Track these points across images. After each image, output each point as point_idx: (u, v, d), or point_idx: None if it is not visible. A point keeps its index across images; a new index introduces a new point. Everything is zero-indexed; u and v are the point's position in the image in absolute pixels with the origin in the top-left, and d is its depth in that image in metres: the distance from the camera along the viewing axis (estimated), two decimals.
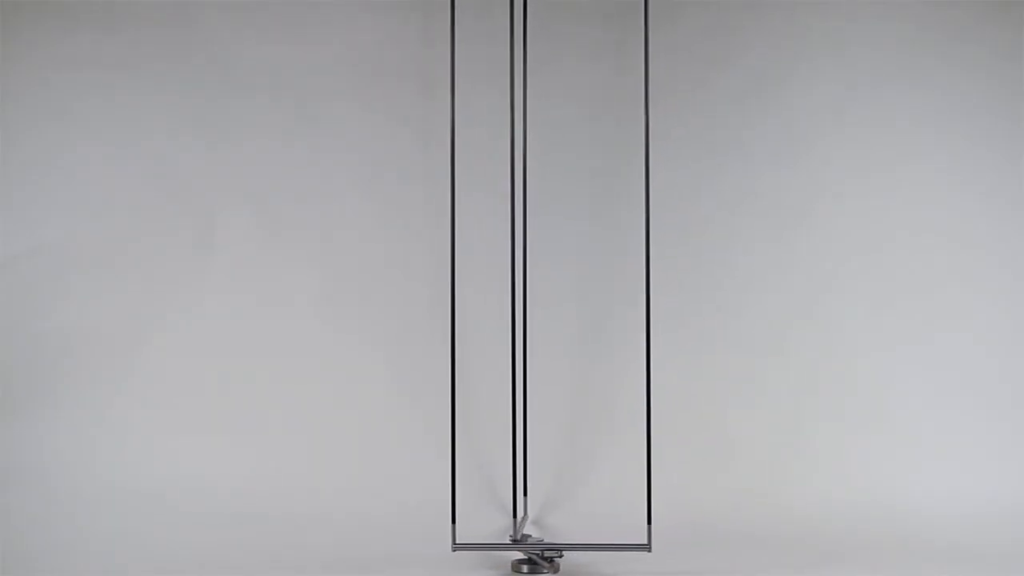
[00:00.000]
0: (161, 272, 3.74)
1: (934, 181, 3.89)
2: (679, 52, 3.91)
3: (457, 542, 3.11)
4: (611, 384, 3.83)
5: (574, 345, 3.86)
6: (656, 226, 3.89)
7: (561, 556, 3.22)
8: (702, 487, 3.78)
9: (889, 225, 3.89)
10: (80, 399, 3.65)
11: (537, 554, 3.20)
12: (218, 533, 3.48)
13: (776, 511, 3.70)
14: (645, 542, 3.15)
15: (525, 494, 3.59)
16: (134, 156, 3.73)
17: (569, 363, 3.83)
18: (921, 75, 3.89)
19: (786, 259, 3.90)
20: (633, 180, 3.77)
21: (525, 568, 3.22)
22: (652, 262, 3.80)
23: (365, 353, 3.81)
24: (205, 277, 3.77)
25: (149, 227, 3.74)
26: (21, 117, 3.67)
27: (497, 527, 3.62)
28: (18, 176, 3.66)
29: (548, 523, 3.63)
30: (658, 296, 3.87)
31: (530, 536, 3.46)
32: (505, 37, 3.45)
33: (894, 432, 3.83)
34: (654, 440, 3.75)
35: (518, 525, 3.43)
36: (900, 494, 3.74)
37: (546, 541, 3.36)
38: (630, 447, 3.43)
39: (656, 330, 3.87)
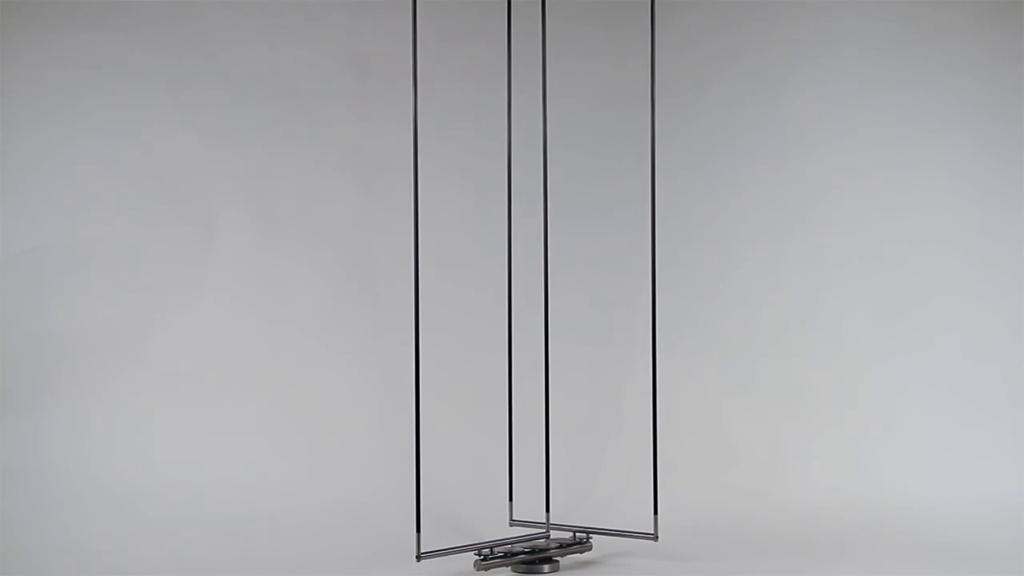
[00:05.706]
0: (160, 272, 3.74)
1: (934, 182, 3.93)
2: (680, 52, 3.97)
3: (422, 551, 3.06)
4: (614, 384, 3.94)
5: (576, 346, 3.92)
6: (657, 227, 3.88)
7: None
8: (702, 487, 3.81)
9: (889, 225, 3.93)
10: (78, 399, 3.66)
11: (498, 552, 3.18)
12: (219, 534, 3.47)
13: (776, 511, 3.72)
14: (652, 531, 3.25)
15: (511, 499, 3.53)
16: (133, 155, 3.73)
17: (571, 364, 3.88)
18: (922, 77, 3.93)
19: (787, 259, 3.97)
20: (635, 180, 3.79)
21: (522, 569, 3.22)
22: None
23: (364, 354, 3.83)
24: (204, 277, 3.76)
25: (148, 227, 3.74)
26: (20, 116, 3.68)
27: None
28: (17, 175, 3.67)
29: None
30: (659, 296, 3.86)
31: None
32: (501, 36, 3.49)
33: (894, 432, 3.85)
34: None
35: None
36: (900, 493, 3.74)
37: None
38: (633, 447, 3.42)
39: (658, 331, 3.89)
